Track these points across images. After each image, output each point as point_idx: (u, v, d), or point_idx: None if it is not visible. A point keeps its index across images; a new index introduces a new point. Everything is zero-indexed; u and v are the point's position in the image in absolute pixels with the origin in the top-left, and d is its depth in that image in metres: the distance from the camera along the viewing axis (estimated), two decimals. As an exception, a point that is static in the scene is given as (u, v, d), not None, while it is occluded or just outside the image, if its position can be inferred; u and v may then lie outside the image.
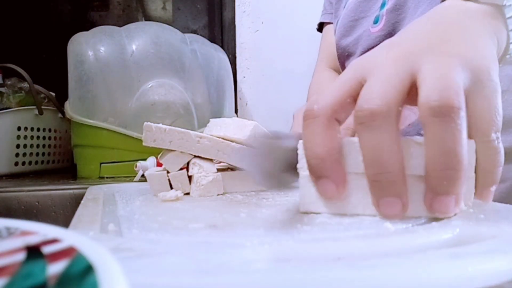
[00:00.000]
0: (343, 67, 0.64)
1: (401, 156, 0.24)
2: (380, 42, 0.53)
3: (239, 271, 0.16)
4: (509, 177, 0.46)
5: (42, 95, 0.88)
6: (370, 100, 0.24)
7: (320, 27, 0.77)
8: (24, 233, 0.14)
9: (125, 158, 0.76)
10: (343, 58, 0.63)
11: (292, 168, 0.28)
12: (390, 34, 0.53)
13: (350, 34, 0.60)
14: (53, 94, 0.90)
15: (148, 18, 1.26)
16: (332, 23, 0.72)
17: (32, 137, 0.84)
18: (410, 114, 0.31)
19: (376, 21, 0.55)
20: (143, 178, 0.60)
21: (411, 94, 0.25)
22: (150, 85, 0.77)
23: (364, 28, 0.57)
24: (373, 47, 0.56)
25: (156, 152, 0.44)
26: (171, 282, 0.15)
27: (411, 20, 0.50)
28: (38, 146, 0.86)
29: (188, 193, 0.40)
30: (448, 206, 0.24)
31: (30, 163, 0.84)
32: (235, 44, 1.18)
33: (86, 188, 0.48)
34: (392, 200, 0.24)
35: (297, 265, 0.17)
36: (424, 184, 0.25)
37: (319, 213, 0.27)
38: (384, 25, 0.53)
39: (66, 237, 0.13)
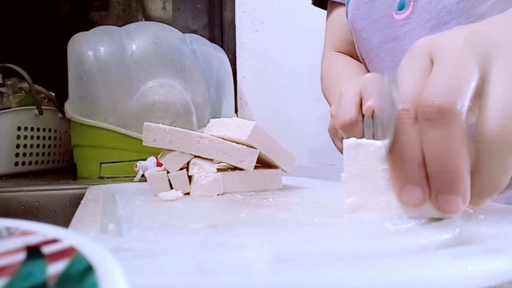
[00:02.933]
0: (360, 54, 0.57)
1: (467, 155, 0.23)
2: (407, 33, 0.48)
3: (239, 271, 0.16)
4: None
5: (42, 95, 0.88)
6: (438, 95, 0.22)
7: (320, 3, 0.69)
8: (24, 233, 0.14)
9: (125, 158, 0.76)
10: (359, 42, 0.56)
11: None
12: (417, 21, 0.46)
13: (365, 17, 0.53)
14: (53, 94, 0.90)
15: (148, 18, 1.26)
16: (343, 4, 0.63)
17: (32, 137, 0.84)
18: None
19: (401, 7, 0.49)
20: (143, 178, 0.60)
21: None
22: (150, 85, 0.77)
23: (384, 13, 0.51)
24: (397, 37, 0.49)
25: (156, 152, 0.44)
26: (171, 282, 0.15)
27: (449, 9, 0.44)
28: (38, 146, 0.86)
29: (188, 193, 0.40)
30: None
31: (30, 163, 0.84)
32: (235, 44, 1.18)
33: (86, 188, 0.48)
34: (453, 197, 0.24)
35: (297, 265, 0.17)
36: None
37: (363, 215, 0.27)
38: (412, 13, 0.47)
39: (66, 237, 0.13)
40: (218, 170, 0.40)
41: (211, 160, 0.41)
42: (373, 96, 0.41)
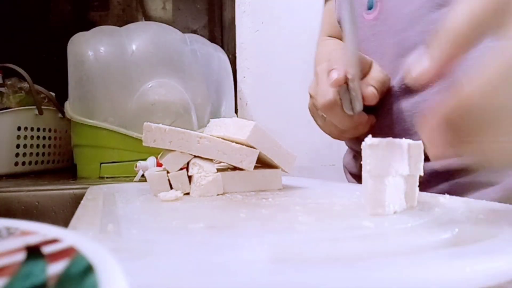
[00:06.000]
0: None
1: None
2: (375, 35, 0.50)
3: (238, 271, 0.16)
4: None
5: (42, 95, 0.88)
6: None
7: None
8: (24, 233, 0.14)
9: (125, 158, 0.76)
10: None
11: None
12: (384, 24, 0.48)
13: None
14: (53, 94, 0.90)
15: (148, 18, 1.26)
16: None
17: (32, 137, 0.84)
18: None
19: (370, 7, 0.49)
20: (143, 178, 0.60)
21: None
22: (150, 85, 0.77)
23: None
24: (366, 38, 0.51)
25: (156, 152, 0.44)
26: (170, 282, 0.15)
27: (400, 9, 0.46)
28: (38, 146, 0.86)
29: (188, 193, 0.40)
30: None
31: (30, 163, 0.84)
32: (235, 44, 1.18)
33: (86, 188, 0.48)
34: None
35: (297, 265, 0.17)
36: (406, 183, 0.27)
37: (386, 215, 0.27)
38: (380, 14, 0.48)
39: (66, 237, 0.13)
40: (218, 170, 0.40)
41: (211, 160, 0.41)
42: (337, 65, 0.42)
